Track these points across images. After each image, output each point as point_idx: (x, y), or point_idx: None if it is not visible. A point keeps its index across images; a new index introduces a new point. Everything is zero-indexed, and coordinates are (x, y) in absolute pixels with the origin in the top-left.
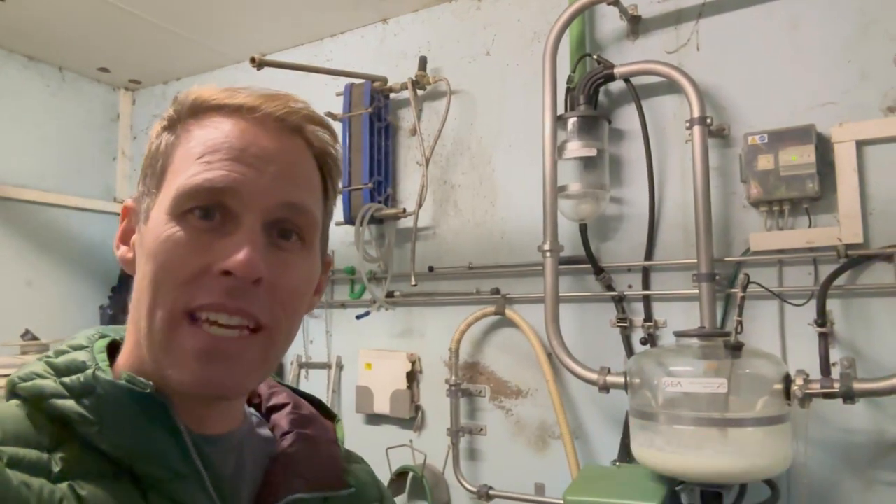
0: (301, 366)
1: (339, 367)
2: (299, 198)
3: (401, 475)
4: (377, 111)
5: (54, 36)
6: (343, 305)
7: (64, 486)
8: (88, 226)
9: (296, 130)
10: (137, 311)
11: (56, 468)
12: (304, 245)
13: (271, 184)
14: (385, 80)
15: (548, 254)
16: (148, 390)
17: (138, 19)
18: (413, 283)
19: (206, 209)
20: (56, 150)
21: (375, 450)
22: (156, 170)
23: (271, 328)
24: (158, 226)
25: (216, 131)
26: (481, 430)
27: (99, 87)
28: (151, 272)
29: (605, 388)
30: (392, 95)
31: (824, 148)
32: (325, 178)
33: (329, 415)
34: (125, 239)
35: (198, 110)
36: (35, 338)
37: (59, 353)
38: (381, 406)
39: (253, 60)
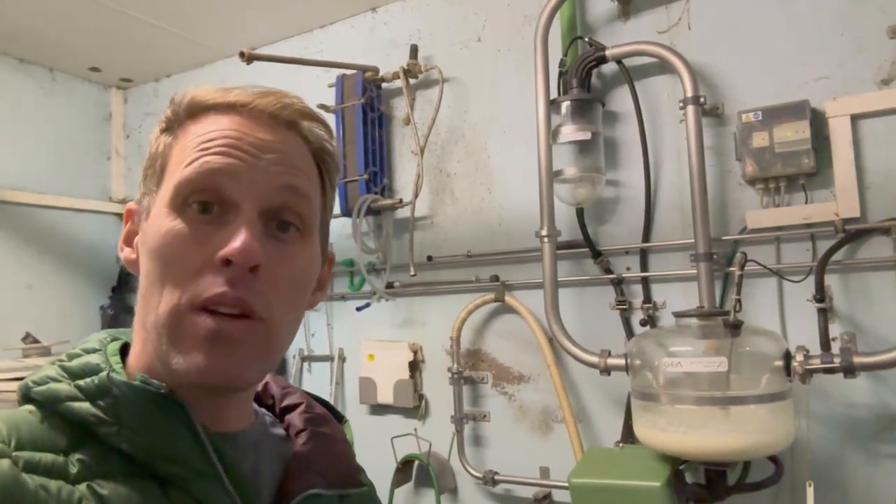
0: (303, 359)
1: (342, 359)
2: (298, 182)
3: (406, 464)
4: (370, 101)
5: (44, 37)
6: (343, 298)
7: (83, 486)
8: (86, 226)
9: (290, 126)
10: (144, 307)
11: (74, 469)
12: (302, 236)
13: (269, 167)
14: (376, 70)
15: (545, 239)
16: (163, 390)
17: (128, 17)
18: (412, 272)
19: (204, 202)
20: (50, 152)
21: (380, 439)
22: (155, 170)
23: (268, 320)
24: (159, 219)
25: (212, 126)
26: (485, 416)
27: (90, 86)
28: (156, 268)
29: (606, 370)
30: (384, 85)
31: (819, 123)
32: (322, 173)
33: (338, 417)
34: (129, 241)
35: (194, 110)
36: (36, 340)
37: (72, 356)
38: (385, 396)
39: (242, 55)
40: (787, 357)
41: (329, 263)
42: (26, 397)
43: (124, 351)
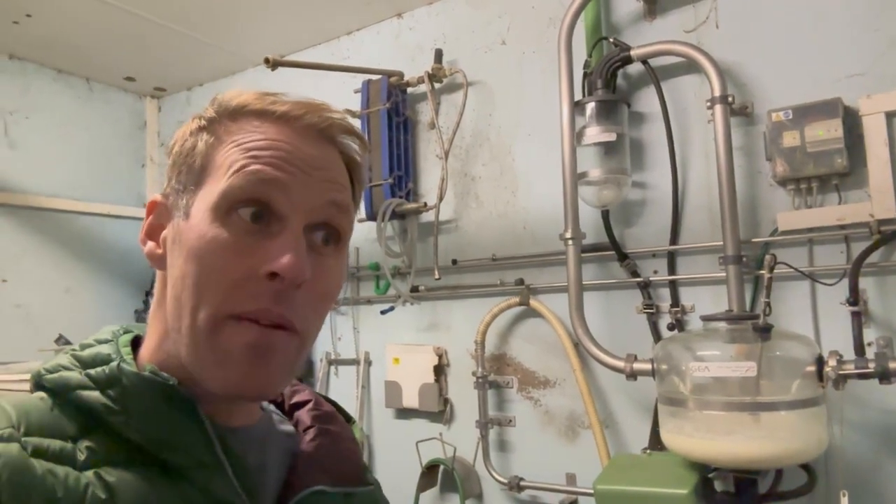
0: (330, 363)
1: (368, 362)
2: (341, 197)
3: (431, 468)
4: (395, 106)
5: (81, 48)
6: (369, 301)
7: (90, 473)
8: (122, 232)
9: (332, 141)
10: (176, 309)
11: (82, 456)
12: (337, 249)
13: (318, 184)
14: (401, 75)
15: (570, 242)
16: (171, 382)
17: (161, 28)
18: (437, 276)
19: (252, 211)
20: (87, 160)
21: (405, 443)
22: (192, 168)
23: (302, 334)
24: (202, 224)
25: (261, 135)
26: (510, 421)
27: (126, 96)
28: (195, 272)
29: (633, 375)
30: (409, 90)
31: (852, 121)
32: (354, 186)
33: (346, 417)
34: (152, 234)
35: (239, 114)
36: (68, 342)
37: (85, 346)
38: (410, 400)
39: (267, 61)
40: (820, 362)
41: None
42: (38, 384)
43: (136, 344)
